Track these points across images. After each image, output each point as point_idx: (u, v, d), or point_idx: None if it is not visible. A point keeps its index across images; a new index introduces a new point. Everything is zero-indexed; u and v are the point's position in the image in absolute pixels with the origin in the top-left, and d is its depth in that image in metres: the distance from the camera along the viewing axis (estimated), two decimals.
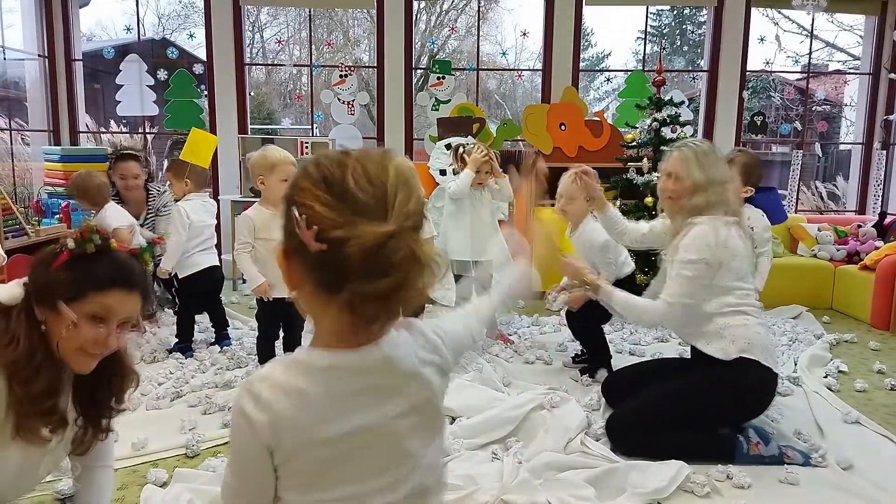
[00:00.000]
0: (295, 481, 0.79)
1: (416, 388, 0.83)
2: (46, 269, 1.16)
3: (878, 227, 4.43)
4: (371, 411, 0.79)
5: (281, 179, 2.49)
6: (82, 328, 1.14)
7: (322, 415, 0.77)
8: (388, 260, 0.70)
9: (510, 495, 1.73)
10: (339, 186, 0.72)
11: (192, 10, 12.42)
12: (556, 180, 4.54)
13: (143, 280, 1.23)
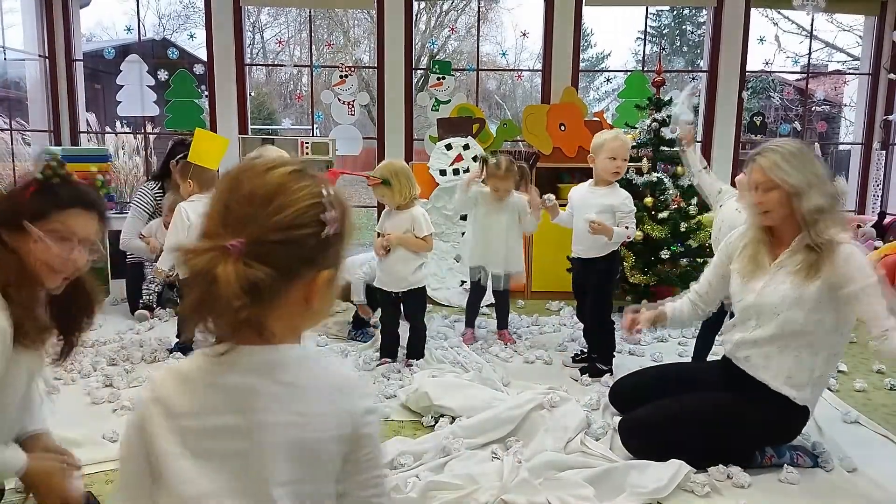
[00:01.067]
0: (157, 477, 0.75)
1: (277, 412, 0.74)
2: (15, 200, 1.29)
3: (877, 227, 4.43)
4: (236, 416, 0.74)
5: None
6: (49, 244, 1.26)
7: (191, 404, 0.74)
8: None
9: (510, 495, 1.73)
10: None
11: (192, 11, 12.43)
12: (556, 180, 4.55)
13: (100, 203, 1.39)
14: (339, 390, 0.78)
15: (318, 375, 0.78)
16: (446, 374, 2.64)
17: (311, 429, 0.74)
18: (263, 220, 0.71)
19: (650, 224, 3.71)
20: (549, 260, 4.25)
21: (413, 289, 2.86)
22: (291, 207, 0.72)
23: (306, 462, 0.74)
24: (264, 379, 0.74)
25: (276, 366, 0.75)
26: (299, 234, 0.73)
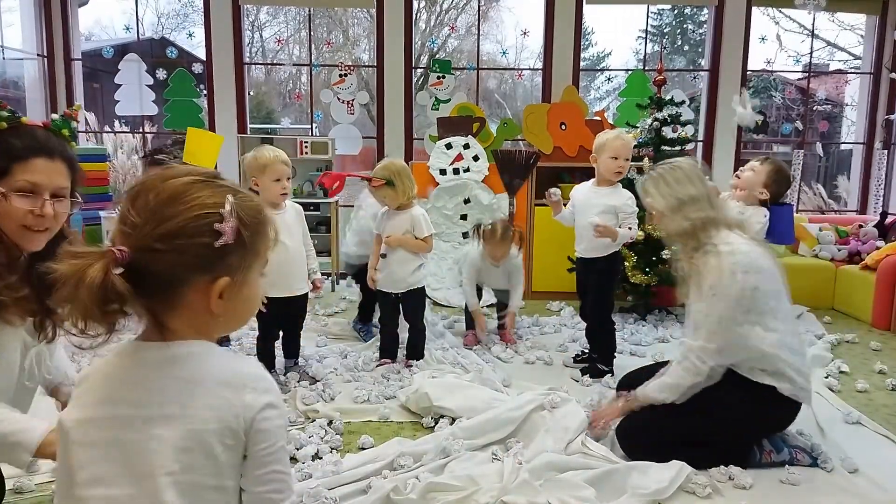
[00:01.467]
0: (66, 467, 0.78)
1: (183, 408, 0.77)
2: None
3: (879, 227, 4.42)
4: (134, 406, 0.77)
5: (273, 179, 2.48)
6: (14, 201, 1.16)
7: (100, 395, 0.79)
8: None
9: (510, 496, 1.72)
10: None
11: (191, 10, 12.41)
12: (556, 180, 4.54)
13: (63, 149, 1.25)
14: (231, 385, 0.79)
15: (212, 371, 0.79)
16: (446, 374, 2.63)
17: (199, 421, 0.76)
18: (150, 228, 0.75)
19: (651, 224, 3.69)
20: (549, 260, 4.24)
21: (412, 289, 2.85)
22: (180, 216, 0.75)
23: (195, 454, 0.76)
24: (156, 372, 0.78)
25: (169, 361, 0.78)
26: (186, 242, 0.75)
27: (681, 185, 1.98)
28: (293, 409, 2.36)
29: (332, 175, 2.88)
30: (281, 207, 2.57)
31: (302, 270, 2.64)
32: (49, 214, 1.20)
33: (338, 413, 2.32)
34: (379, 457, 1.96)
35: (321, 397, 2.46)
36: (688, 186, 1.98)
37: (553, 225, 3.96)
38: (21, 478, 1.79)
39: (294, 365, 2.76)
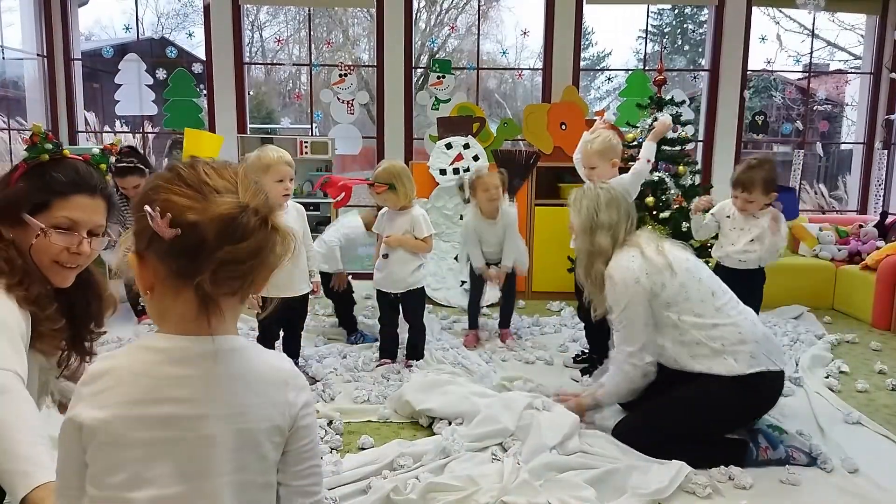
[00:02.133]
0: (94, 468, 0.75)
1: (236, 406, 0.77)
2: (5, 187, 1.15)
3: (879, 227, 4.42)
4: (184, 405, 0.75)
5: (276, 180, 2.48)
6: (52, 237, 1.13)
7: (134, 394, 0.75)
8: (242, 228, 0.74)
9: (510, 496, 1.72)
10: (192, 178, 0.76)
11: (191, 10, 12.41)
12: (556, 180, 4.53)
13: (104, 186, 1.23)
14: (275, 383, 0.80)
15: (258, 368, 0.80)
16: (444, 375, 2.62)
17: (251, 420, 0.77)
18: (263, 196, 0.82)
19: (651, 224, 3.70)
20: (549, 260, 4.24)
21: (412, 290, 2.85)
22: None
23: (247, 453, 0.77)
24: (201, 370, 0.76)
25: (215, 357, 0.77)
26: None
27: (598, 208, 2.14)
28: None
29: (337, 186, 2.86)
30: (282, 208, 2.57)
31: (303, 271, 2.64)
32: (85, 253, 1.17)
33: (338, 413, 2.32)
34: (379, 457, 1.96)
35: (321, 397, 2.46)
36: (609, 212, 2.13)
37: (553, 225, 3.97)
38: None
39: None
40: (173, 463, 0.74)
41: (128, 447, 0.74)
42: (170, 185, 0.76)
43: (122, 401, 0.74)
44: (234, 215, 0.73)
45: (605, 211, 2.13)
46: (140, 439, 0.74)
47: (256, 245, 0.75)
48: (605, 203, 2.14)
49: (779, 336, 3.46)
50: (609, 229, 2.10)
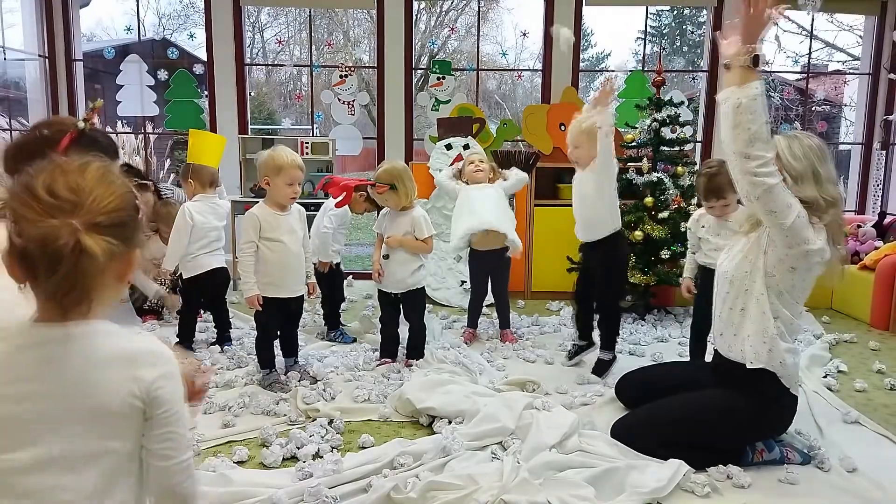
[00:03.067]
0: None
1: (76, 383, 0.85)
2: (51, 153, 1.23)
3: (877, 228, 4.43)
4: (38, 383, 0.83)
5: (287, 183, 2.50)
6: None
7: (5, 374, 0.84)
8: (53, 253, 0.79)
9: (510, 495, 1.73)
10: (32, 190, 0.82)
11: (192, 11, 12.43)
12: (556, 180, 4.55)
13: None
14: (130, 361, 0.87)
15: (105, 350, 0.87)
16: (444, 374, 2.64)
17: (104, 393, 0.85)
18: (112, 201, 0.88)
19: (650, 224, 3.71)
20: (549, 260, 4.25)
21: (412, 290, 2.86)
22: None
23: (102, 423, 0.85)
24: (62, 349, 0.84)
25: (75, 338, 0.85)
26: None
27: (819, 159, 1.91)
28: (294, 408, 2.37)
29: (338, 186, 2.87)
30: (287, 209, 2.58)
31: (301, 272, 2.65)
32: None
33: (338, 412, 2.33)
34: (379, 456, 1.97)
35: (322, 396, 2.47)
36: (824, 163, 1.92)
37: (552, 225, 3.97)
38: None
39: (294, 364, 2.77)
40: (34, 434, 0.83)
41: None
42: (19, 192, 0.83)
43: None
44: (44, 239, 0.79)
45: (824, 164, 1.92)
46: (10, 413, 0.83)
47: (70, 269, 0.80)
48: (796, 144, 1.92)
49: None
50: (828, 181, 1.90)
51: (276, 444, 2.05)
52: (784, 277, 1.90)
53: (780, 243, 1.86)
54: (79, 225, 0.80)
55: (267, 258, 2.54)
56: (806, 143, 1.92)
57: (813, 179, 1.88)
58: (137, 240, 0.90)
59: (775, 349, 1.90)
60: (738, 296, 1.97)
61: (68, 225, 0.79)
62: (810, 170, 1.89)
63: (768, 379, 1.92)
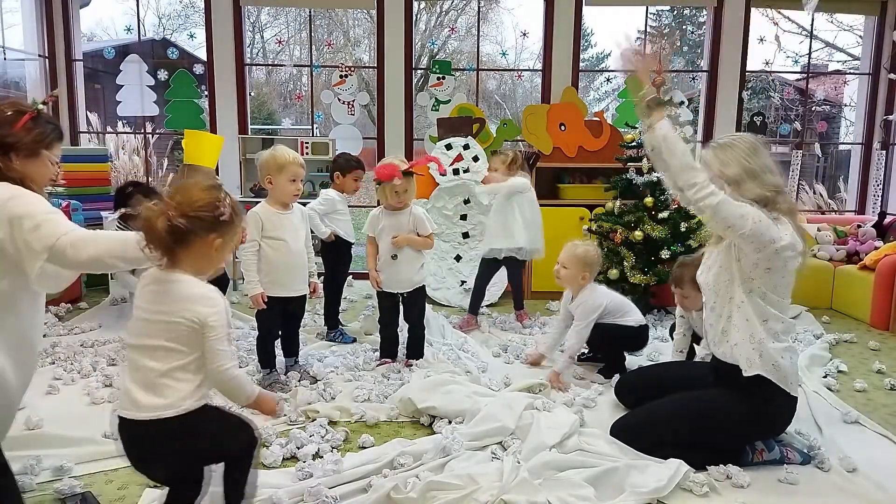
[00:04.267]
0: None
1: None
2: (12, 128, 1.54)
3: (877, 227, 4.43)
4: (148, 303, 1.43)
5: (289, 179, 2.51)
6: (51, 168, 1.63)
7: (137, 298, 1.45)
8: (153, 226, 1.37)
9: (510, 495, 1.73)
10: (164, 193, 1.44)
11: (192, 11, 12.43)
12: (555, 180, 4.55)
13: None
14: (195, 300, 1.37)
15: (188, 289, 1.38)
16: (443, 374, 2.64)
17: (178, 316, 1.36)
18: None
19: (650, 224, 3.71)
20: (549, 260, 4.24)
21: (416, 288, 2.86)
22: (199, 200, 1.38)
23: (175, 333, 1.36)
24: (160, 286, 1.39)
25: (169, 282, 1.39)
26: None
27: (752, 155, 1.94)
28: (294, 408, 2.37)
29: (388, 167, 2.75)
30: (289, 208, 2.59)
31: (303, 272, 2.65)
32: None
33: (338, 412, 2.33)
34: (379, 456, 1.97)
35: (322, 396, 2.47)
36: (759, 157, 1.95)
37: (552, 225, 3.97)
38: (22, 477, 1.81)
39: (294, 364, 2.77)
40: (143, 330, 1.40)
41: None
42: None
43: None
44: (150, 219, 1.35)
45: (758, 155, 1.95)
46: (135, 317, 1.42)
47: (163, 239, 1.36)
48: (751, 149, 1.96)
49: None
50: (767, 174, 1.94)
51: (276, 444, 2.05)
52: (763, 279, 1.93)
53: (748, 249, 1.90)
54: (171, 213, 1.32)
55: (269, 257, 2.54)
56: (733, 146, 1.97)
57: (751, 178, 1.92)
58: (216, 231, 1.38)
59: (766, 353, 1.92)
60: (723, 305, 2.01)
61: (163, 212, 1.32)
62: (744, 170, 1.93)
63: (765, 382, 1.92)
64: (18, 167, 1.53)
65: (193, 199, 1.34)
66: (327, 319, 3.40)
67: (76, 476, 1.86)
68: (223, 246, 1.41)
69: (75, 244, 1.43)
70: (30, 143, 1.55)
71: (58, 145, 1.66)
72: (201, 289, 1.38)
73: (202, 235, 1.36)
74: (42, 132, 1.58)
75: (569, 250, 2.80)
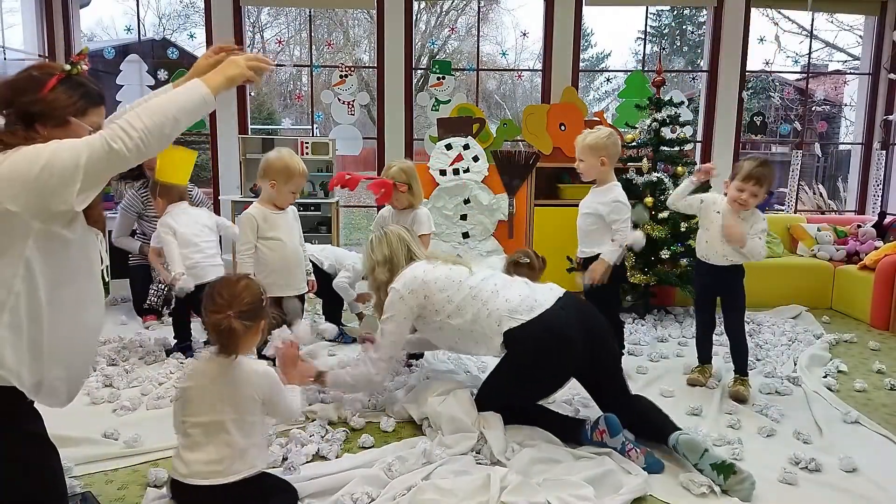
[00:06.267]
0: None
1: None
2: (37, 94, 1.33)
3: (877, 227, 4.43)
4: (214, 385, 1.64)
5: (292, 191, 2.55)
6: (85, 137, 1.33)
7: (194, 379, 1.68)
8: (220, 329, 1.61)
9: (510, 496, 1.73)
10: (210, 295, 1.67)
11: (192, 11, 12.43)
12: (556, 181, 4.55)
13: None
14: (254, 380, 1.62)
15: (247, 371, 1.63)
16: (443, 376, 2.64)
17: (242, 393, 1.59)
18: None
19: (650, 224, 3.71)
20: (548, 260, 4.24)
21: None
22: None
23: (242, 405, 1.59)
24: (226, 370, 1.62)
25: (231, 366, 1.62)
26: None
27: (376, 249, 2.33)
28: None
29: (377, 183, 2.77)
30: (284, 209, 2.60)
31: (300, 270, 2.66)
32: None
33: (337, 415, 2.32)
34: (377, 457, 1.97)
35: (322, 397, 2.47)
36: (382, 250, 2.33)
37: (552, 225, 3.98)
38: None
39: None
40: (210, 406, 1.62)
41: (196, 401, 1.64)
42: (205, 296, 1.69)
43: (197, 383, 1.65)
44: (216, 324, 1.60)
45: (378, 249, 2.34)
46: (201, 396, 1.64)
47: (227, 336, 1.62)
48: (376, 243, 2.35)
49: (777, 336, 3.47)
50: (386, 263, 2.31)
51: (276, 444, 2.05)
52: None
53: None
54: (232, 314, 1.54)
55: (267, 258, 2.54)
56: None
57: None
58: (262, 316, 1.63)
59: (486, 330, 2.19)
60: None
61: (228, 316, 1.54)
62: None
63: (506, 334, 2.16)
64: (45, 139, 1.29)
65: (242, 296, 1.57)
66: (328, 320, 3.40)
67: (76, 476, 1.86)
68: (265, 327, 1.65)
69: (115, 137, 1.25)
70: (58, 109, 1.33)
71: (94, 111, 1.41)
72: (256, 367, 1.63)
73: (256, 323, 1.60)
74: (71, 97, 1.35)
75: (579, 142, 2.76)
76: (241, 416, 1.56)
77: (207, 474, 1.52)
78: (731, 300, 2.64)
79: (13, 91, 1.34)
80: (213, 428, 1.54)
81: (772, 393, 2.64)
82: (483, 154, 4.42)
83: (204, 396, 1.56)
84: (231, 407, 1.55)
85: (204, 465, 1.52)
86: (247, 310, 1.55)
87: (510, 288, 2.22)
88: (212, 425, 1.54)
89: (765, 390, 2.66)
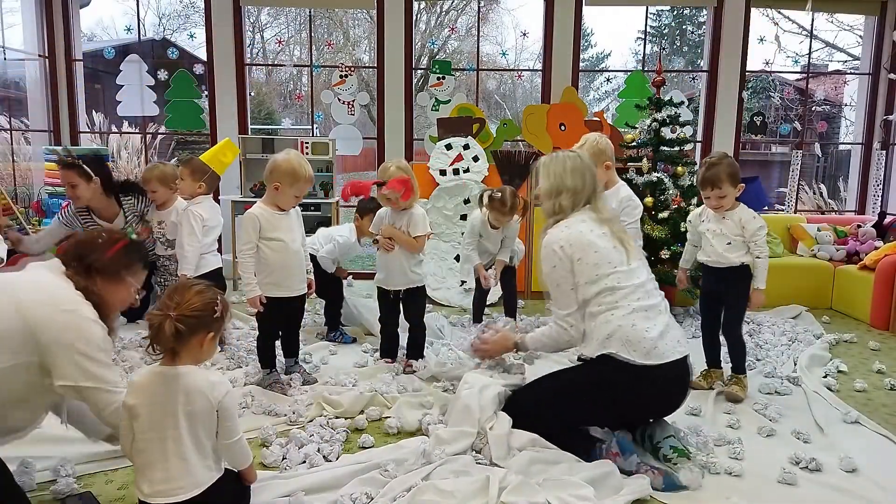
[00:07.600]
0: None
1: None
2: (104, 253, 1.67)
3: (877, 227, 4.43)
4: (156, 396, 1.56)
5: (296, 195, 2.55)
6: (131, 293, 1.74)
7: (140, 393, 1.58)
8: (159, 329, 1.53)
9: (510, 496, 1.73)
10: (164, 298, 1.57)
11: (192, 11, 12.43)
12: None
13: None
14: (204, 389, 1.51)
15: (192, 380, 1.52)
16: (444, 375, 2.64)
17: (193, 399, 1.50)
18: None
19: (650, 224, 3.71)
20: None
21: (412, 287, 2.86)
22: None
23: (194, 421, 1.50)
24: (168, 379, 1.53)
25: (171, 376, 1.53)
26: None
27: (566, 175, 2.13)
28: (295, 407, 2.37)
29: (398, 181, 2.77)
30: (286, 211, 2.61)
31: (301, 271, 2.65)
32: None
33: (337, 413, 2.33)
34: (377, 457, 1.97)
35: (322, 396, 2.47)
36: (572, 177, 2.13)
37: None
38: (23, 476, 1.81)
39: (295, 364, 2.77)
40: (156, 422, 1.54)
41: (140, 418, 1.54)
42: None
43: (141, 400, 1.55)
44: (154, 324, 1.53)
45: (571, 176, 2.13)
46: (144, 413, 1.54)
47: (166, 339, 1.53)
48: (570, 169, 2.14)
49: (776, 336, 3.47)
50: (573, 194, 2.11)
51: (276, 444, 2.05)
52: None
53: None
54: (171, 315, 1.46)
55: (268, 258, 2.54)
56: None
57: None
58: (210, 328, 1.51)
59: (597, 334, 2.00)
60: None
61: (167, 316, 1.46)
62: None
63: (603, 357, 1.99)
64: (98, 289, 1.62)
65: (191, 301, 1.49)
66: (328, 320, 3.40)
67: (76, 476, 1.86)
68: (214, 339, 1.55)
69: (116, 413, 1.57)
70: (116, 268, 1.67)
71: (142, 272, 1.78)
72: (201, 376, 1.53)
73: (200, 333, 1.50)
74: (129, 260, 1.71)
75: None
76: (193, 425, 1.49)
77: (171, 491, 1.46)
78: (732, 300, 2.64)
79: (83, 249, 1.66)
80: (167, 443, 1.47)
81: (772, 393, 2.64)
82: (483, 154, 4.42)
83: (153, 412, 1.48)
84: (183, 418, 1.48)
85: (164, 483, 1.46)
86: (190, 315, 1.47)
87: (647, 310, 2.00)
88: (166, 440, 1.47)
89: (765, 390, 2.66)
